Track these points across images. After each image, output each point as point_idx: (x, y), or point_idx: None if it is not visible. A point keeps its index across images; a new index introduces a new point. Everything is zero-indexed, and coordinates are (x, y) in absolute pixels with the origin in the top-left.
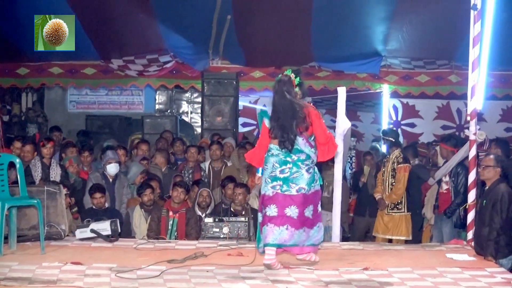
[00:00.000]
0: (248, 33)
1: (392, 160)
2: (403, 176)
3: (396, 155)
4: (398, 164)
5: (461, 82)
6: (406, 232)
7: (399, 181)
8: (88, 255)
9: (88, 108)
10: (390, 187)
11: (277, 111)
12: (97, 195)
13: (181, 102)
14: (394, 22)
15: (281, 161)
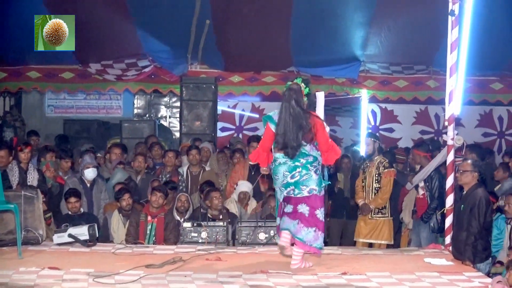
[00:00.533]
0: (227, 38)
1: (376, 165)
2: (389, 180)
3: (379, 160)
4: (385, 169)
5: (439, 87)
6: (388, 236)
7: (385, 185)
8: (65, 260)
9: (66, 113)
10: (375, 192)
11: (284, 119)
12: (72, 200)
13: (160, 106)
14: (372, 27)
15: (291, 168)
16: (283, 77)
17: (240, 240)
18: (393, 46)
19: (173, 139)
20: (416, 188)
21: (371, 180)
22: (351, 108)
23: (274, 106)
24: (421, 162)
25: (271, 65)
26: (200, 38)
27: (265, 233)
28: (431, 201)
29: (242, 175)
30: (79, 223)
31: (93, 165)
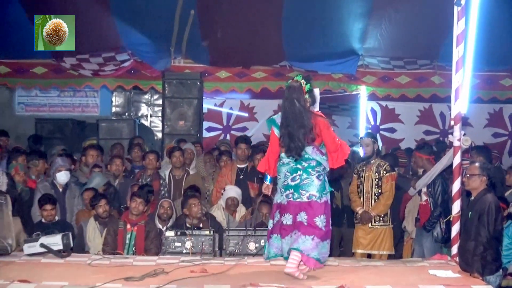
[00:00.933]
0: (214, 30)
1: (375, 169)
2: (392, 185)
3: (378, 163)
4: (386, 172)
5: (445, 84)
6: (390, 246)
7: (388, 190)
8: (37, 272)
9: (38, 111)
10: (375, 198)
11: (286, 118)
12: (48, 207)
13: (140, 104)
14: (372, 19)
15: (292, 169)
16: (275, 73)
17: (227, 251)
18: (394, 38)
19: (155, 140)
20: (419, 193)
21: (370, 185)
22: (349, 107)
23: (265, 104)
24: (424, 166)
25: (261, 59)
26: (184, 30)
27: (255, 243)
28: (434, 208)
29: (230, 179)
30: (52, 232)
31: (65, 168)
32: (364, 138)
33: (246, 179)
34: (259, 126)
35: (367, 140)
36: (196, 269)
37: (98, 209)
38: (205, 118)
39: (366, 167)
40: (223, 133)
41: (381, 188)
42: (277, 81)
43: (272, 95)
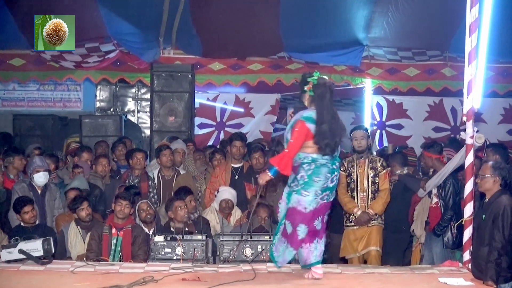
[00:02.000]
0: (206, 18)
1: (369, 165)
2: (388, 181)
3: (371, 158)
4: (384, 168)
5: (456, 77)
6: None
7: (387, 188)
8: (15, 280)
9: (16, 106)
10: (371, 196)
11: (326, 115)
12: (27, 209)
13: (127, 99)
14: (377, 5)
15: (331, 170)
16: (272, 65)
17: (221, 257)
18: (402, 27)
19: (142, 137)
20: (429, 195)
21: (366, 182)
22: (353, 101)
23: (262, 99)
24: (434, 166)
25: (258, 50)
26: (174, 18)
27: (251, 249)
28: (445, 211)
29: (224, 180)
30: (32, 237)
31: (44, 169)
32: (358, 131)
33: (242, 180)
34: (256, 122)
35: (361, 132)
36: (188, 276)
37: (80, 212)
38: (197, 113)
39: (357, 163)
40: (217, 130)
41: (378, 186)
42: (274, 74)
43: (270, 88)
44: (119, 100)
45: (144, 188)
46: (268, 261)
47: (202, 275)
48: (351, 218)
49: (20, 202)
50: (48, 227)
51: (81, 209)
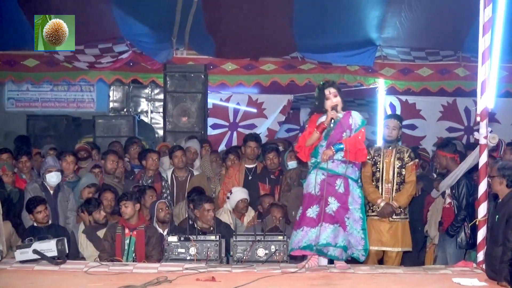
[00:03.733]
0: (219, 18)
1: (396, 155)
2: (415, 174)
3: (399, 148)
4: (411, 160)
5: (470, 77)
6: (409, 241)
7: (413, 180)
8: (29, 281)
9: (30, 107)
10: (396, 188)
11: None
12: (40, 208)
13: (140, 99)
14: (390, 5)
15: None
16: (285, 65)
17: (235, 257)
18: (415, 27)
19: (156, 137)
20: (443, 195)
21: (392, 173)
22: (366, 101)
23: (275, 99)
24: (447, 165)
25: (271, 50)
26: (187, 19)
27: (264, 249)
28: (458, 212)
29: (237, 180)
30: (45, 237)
31: (56, 169)
32: (392, 120)
33: (255, 180)
34: (269, 123)
35: (394, 122)
36: (202, 277)
37: (96, 215)
38: (210, 114)
39: (384, 153)
40: (230, 131)
41: (404, 177)
42: (287, 74)
43: (283, 89)
44: (132, 100)
45: (157, 189)
46: (281, 261)
47: (216, 275)
48: (373, 208)
49: (33, 202)
50: (61, 227)
51: (97, 212)
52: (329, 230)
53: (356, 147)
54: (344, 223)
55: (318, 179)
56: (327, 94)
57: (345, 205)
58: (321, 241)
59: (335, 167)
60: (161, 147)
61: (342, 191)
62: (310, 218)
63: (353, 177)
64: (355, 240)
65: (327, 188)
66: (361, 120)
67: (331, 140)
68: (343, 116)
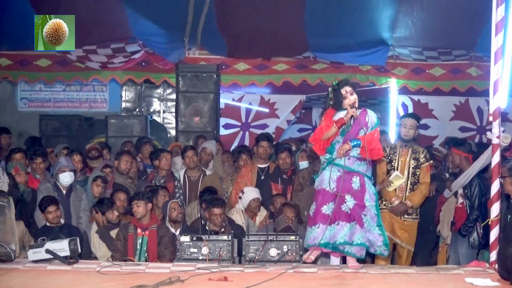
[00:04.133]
0: (231, 18)
1: (412, 155)
2: (429, 175)
3: (415, 148)
4: (426, 160)
5: (482, 76)
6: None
7: (427, 182)
8: (42, 280)
9: (42, 107)
10: (410, 188)
11: None
12: (51, 209)
13: (152, 99)
14: (402, 5)
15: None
16: (297, 65)
17: (247, 257)
18: (427, 27)
19: (168, 137)
20: (456, 195)
21: (406, 172)
22: (378, 101)
23: (287, 99)
24: (461, 164)
25: (283, 50)
26: (199, 19)
27: (277, 249)
28: (470, 212)
29: (250, 180)
30: (58, 237)
31: (69, 169)
32: (409, 119)
33: (268, 180)
34: (281, 123)
35: (411, 121)
36: (215, 276)
37: (109, 215)
38: (222, 114)
39: (400, 151)
40: (242, 130)
41: (418, 177)
42: (300, 74)
43: (295, 89)
44: (144, 100)
45: (170, 189)
46: (293, 261)
47: (228, 275)
48: (385, 203)
49: (44, 201)
50: (74, 227)
51: (110, 212)
52: (346, 229)
53: (372, 145)
54: (361, 220)
55: (334, 176)
56: (344, 93)
57: (362, 202)
58: (338, 240)
59: (351, 164)
60: (174, 147)
61: (358, 188)
62: (325, 215)
63: (368, 175)
64: (374, 237)
65: (343, 185)
66: (376, 118)
67: (347, 137)
68: (360, 114)
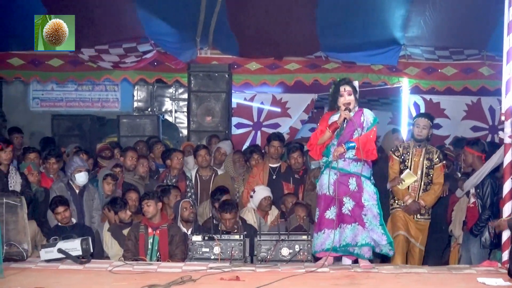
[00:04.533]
0: (243, 18)
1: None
2: (443, 176)
3: (428, 148)
4: (440, 161)
5: (494, 76)
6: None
7: (441, 182)
8: (54, 280)
9: (54, 106)
10: (423, 188)
11: None
12: (60, 209)
13: (164, 99)
14: (414, 4)
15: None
16: (309, 64)
17: (259, 257)
18: (439, 26)
19: (180, 137)
20: (467, 195)
21: (420, 172)
22: (390, 101)
23: (299, 99)
24: (473, 163)
25: (294, 50)
26: (211, 18)
27: (288, 248)
28: (482, 211)
29: (262, 179)
30: (70, 236)
31: (85, 169)
32: (422, 118)
33: (279, 179)
34: (292, 122)
35: (425, 121)
36: (227, 276)
37: (122, 214)
38: (234, 113)
39: (413, 151)
40: (254, 130)
41: (432, 178)
42: (311, 73)
43: (307, 88)
44: (156, 100)
45: (181, 188)
46: (305, 261)
47: (240, 274)
48: (398, 202)
49: (54, 202)
50: (86, 226)
51: (123, 211)
52: (347, 231)
53: (367, 146)
54: (362, 220)
55: (331, 180)
56: (341, 91)
57: (360, 203)
58: (342, 243)
59: (347, 165)
60: (186, 147)
61: (355, 189)
62: (329, 220)
63: (366, 175)
64: (377, 236)
65: (340, 189)
66: (373, 118)
67: (342, 139)
68: (354, 114)
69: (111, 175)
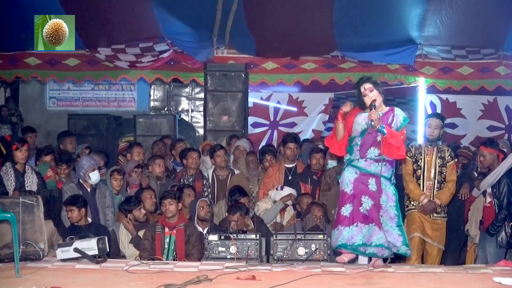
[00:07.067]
0: (260, 17)
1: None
2: (455, 173)
3: (439, 147)
4: (452, 159)
5: (511, 75)
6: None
7: (454, 180)
8: (71, 279)
9: (71, 106)
10: (437, 186)
11: None
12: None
13: (180, 98)
14: (431, 4)
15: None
16: (325, 64)
17: (275, 256)
18: (456, 25)
19: (196, 136)
20: (484, 194)
21: (433, 171)
22: (406, 100)
23: (315, 98)
24: (489, 163)
25: (311, 49)
26: (228, 18)
27: (305, 248)
28: (499, 211)
29: (278, 180)
30: (86, 236)
31: (98, 166)
32: (433, 119)
33: (296, 180)
34: (309, 121)
35: (436, 121)
36: (243, 275)
37: (136, 212)
38: (251, 113)
39: (426, 151)
40: (270, 129)
41: (445, 176)
42: (328, 73)
43: (323, 87)
44: (173, 99)
45: (198, 187)
46: (321, 260)
47: (256, 274)
48: (413, 203)
49: (67, 201)
50: (101, 225)
51: (137, 210)
52: (364, 230)
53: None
54: (378, 221)
55: (351, 178)
56: (363, 91)
57: (378, 204)
58: (357, 242)
59: (367, 166)
60: (205, 146)
61: (374, 189)
62: (344, 217)
63: (386, 176)
64: (393, 237)
65: (360, 187)
66: (403, 118)
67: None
68: (383, 114)
69: (117, 170)
